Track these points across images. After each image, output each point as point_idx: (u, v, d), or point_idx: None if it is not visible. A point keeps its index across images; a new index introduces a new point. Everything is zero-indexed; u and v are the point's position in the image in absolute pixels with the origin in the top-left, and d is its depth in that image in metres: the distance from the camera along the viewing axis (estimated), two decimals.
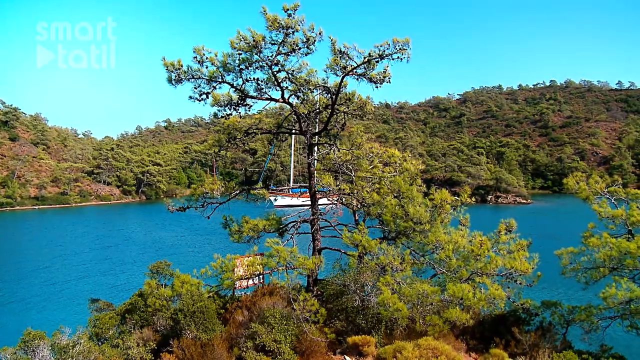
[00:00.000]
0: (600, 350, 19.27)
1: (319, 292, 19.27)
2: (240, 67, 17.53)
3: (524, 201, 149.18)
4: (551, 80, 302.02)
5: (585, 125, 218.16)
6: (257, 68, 17.84)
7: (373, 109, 20.73)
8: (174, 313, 16.66)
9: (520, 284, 19.38)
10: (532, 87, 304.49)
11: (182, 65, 17.19)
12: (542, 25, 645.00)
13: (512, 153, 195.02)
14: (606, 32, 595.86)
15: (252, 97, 18.81)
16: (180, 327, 15.90)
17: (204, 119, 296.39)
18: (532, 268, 18.66)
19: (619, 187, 21.52)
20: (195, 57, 17.09)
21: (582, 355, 17.83)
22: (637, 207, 20.48)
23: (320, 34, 16.87)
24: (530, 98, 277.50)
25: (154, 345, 16.04)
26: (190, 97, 18.11)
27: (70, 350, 14.33)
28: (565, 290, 36.07)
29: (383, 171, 20.49)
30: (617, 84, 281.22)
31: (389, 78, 17.52)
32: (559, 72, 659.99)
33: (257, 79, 18.29)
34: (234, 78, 18.02)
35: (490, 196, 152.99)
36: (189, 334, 15.62)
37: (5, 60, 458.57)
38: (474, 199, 22.17)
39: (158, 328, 17.54)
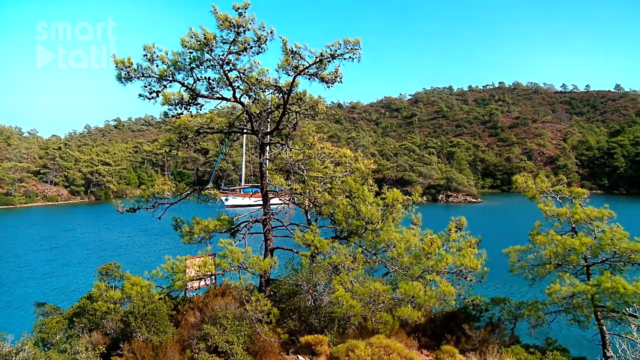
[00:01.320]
0: (545, 344, 19.85)
1: (271, 293, 19.22)
2: (191, 65, 17.32)
3: (474, 200, 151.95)
4: (500, 82, 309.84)
5: (533, 126, 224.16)
6: (208, 67, 17.67)
7: (325, 109, 20.80)
8: (124, 315, 16.35)
9: (470, 280, 19.72)
10: (482, 88, 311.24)
11: (132, 63, 16.85)
12: (491, 27, 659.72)
13: (463, 153, 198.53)
14: (551, 36, 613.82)
15: (203, 96, 18.61)
16: (130, 329, 15.61)
17: (155, 118, 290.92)
18: (481, 264, 19.06)
19: (563, 186, 22.19)
20: (146, 55, 16.79)
21: (529, 349, 18.31)
22: (580, 205, 21.17)
23: (271, 32, 16.84)
24: (480, 99, 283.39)
25: (104, 349, 15.71)
26: (141, 96, 17.77)
27: (14, 358, 13.83)
28: (514, 287, 36.94)
29: (335, 171, 20.59)
30: (561, 86, 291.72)
31: (341, 78, 17.62)
32: (507, 74, 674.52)
33: (209, 78, 18.11)
34: (185, 77, 17.80)
35: (441, 195, 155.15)
36: (140, 336, 15.35)
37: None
38: (425, 198, 22.49)
39: (108, 331, 17.19)
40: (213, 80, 18.24)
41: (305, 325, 17.46)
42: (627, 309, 16.11)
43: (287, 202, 21.36)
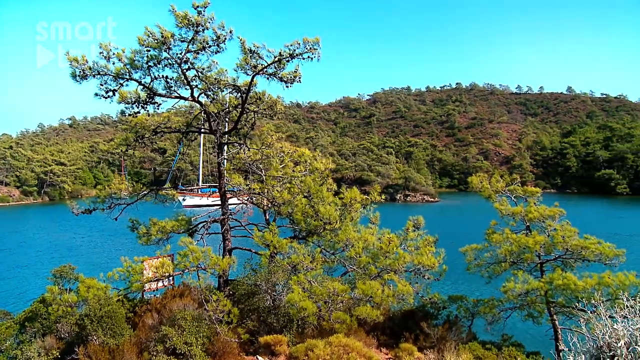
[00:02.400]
0: (501, 340, 20.30)
1: (230, 293, 19.12)
2: (149, 64, 17.09)
3: (432, 199, 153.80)
4: (457, 83, 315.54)
5: (489, 127, 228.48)
6: (166, 66, 17.44)
7: (283, 109, 20.81)
8: (80, 319, 15.97)
9: (428, 279, 19.98)
10: (439, 89, 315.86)
11: (87, 61, 16.50)
12: (448, 28, 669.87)
13: (420, 153, 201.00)
14: (507, 38, 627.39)
15: (160, 95, 18.37)
16: (86, 333, 15.27)
17: (112, 117, 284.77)
18: (439, 263, 19.34)
19: (517, 185, 22.71)
20: (102, 53, 16.47)
21: (485, 345, 18.69)
22: (534, 203, 21.73)
23: (230, 32, 16.75)
24: (438, 99, 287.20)
25: (57, 354, 15.34)
26: (96, 94, 17.42)
27: None
28: (472, 285, 37.54)
29: (294, 170, 20.59)
30: (516, 87, 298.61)
31: (300, 77, 17.64)
32: (464, 75, 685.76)
33: (166, 77, 17.89)
34: (142, 75, 17.54)
35: (399, 195, 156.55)
36: (96, 339, 15.05)
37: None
38: (383, 198, 22.69)
39: (62, 335, 16.78)
40: (171, 79, 18.03)
41: (264, 326, 17.43)
42: (577, 303, 16.58)
43: (246, 202, 21.29)
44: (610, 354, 8.23)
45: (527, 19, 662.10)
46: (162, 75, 17.79)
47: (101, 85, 17.31)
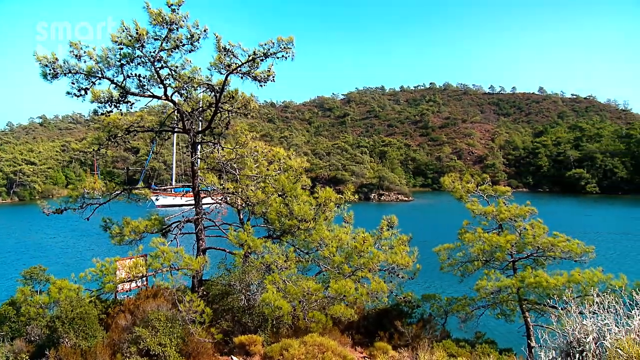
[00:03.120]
0: (475, 337, 20.55)
1: (204, 293, 19.02)
2: (122, 62, 16.89)
3: (406, 198, 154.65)
4: (431, 83, 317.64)
5: (462, 126, 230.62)
6: (139, 64, 17.25)
7: (257, 108, 20.74)
8: (51, 321, 15.70)
9: (402, 277, 20.13)
10: (413, 88, 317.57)
11: (57, 59, 16.24)
12: (421, 29, 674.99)
13: (394, 152, 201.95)
14: (480, 39, 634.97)
15: (133, 94, 18.15)
16: (57, 335, 15.02)
17: (84, 116, 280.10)
18: (413, 262, 19.50)
19: (488, 185, 23.00)
20: (72, 52, 16.23)
21: (459, 343, 18.91)
22: (504, 203, 22.05)
23: (205, 31, 16.66)
24: (412, 99, 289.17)
25: (27, 358, 15.07)
26: (68, 93, 17.15)
27: None
28: (446, 283, 37.86)
29: (268, 169, 20.56)
30: (489, 88, 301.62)
31: (273, 77, 17.62)
32: (438, 75, 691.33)
33: (139, 76, 17.70)
34: (115, 74, 17.32)
35: (373, 194, 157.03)
36: (67, 342, 14.82)
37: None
38: (357, 197, 22.84)
39: (32, 338, 16.50)
40: (144, 78, 17.84)
41: (238, 326, 17.38)
42: (549, 300, 16.89)
43: (220, 201, 21.20)
44: (580, 349, 8.40)
45: (499, 19, 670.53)
46: (135, 74, 17.60)
47: (73, 83, 17.06)
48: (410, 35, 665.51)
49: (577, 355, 8.32)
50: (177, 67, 17.63)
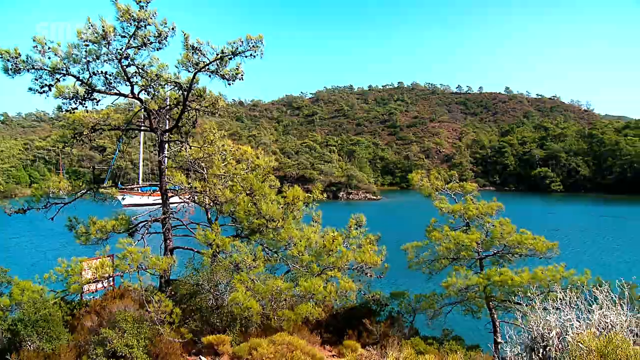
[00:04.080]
0: (442, 335, 20.83)
1: (172, 293, 18.85)
2: (87, 59, 16.59)
3: (374, 197, 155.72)
4: (399, 82, 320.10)
5: (430, 125, 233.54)
6: (105, 61, 16.95)
7: (225, 106, 20.65)
8: (13, 324, 15.35)
9: (370, 276, 20.24)
10: (382, 88, 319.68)
11: (19, 54, 15.87)
12: (390, 28, 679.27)
13: (363, 151, 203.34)
14: (447, 39, 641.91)
15: (99, 91, 17.83)
16: (20, 338, 14.71)
17: (48, 114, 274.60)
18: (382, 260, 19.64)
19: (456, 183, 23.30)
20: (36, 47, 15.88)
21: (427, 340, 19.11)
22: (472, 200, 22.38)
23: (173, 29, 16.48)
24: (380, 98, 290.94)
25: None
26: (31, 89, 16.77)
27: None
28: (414, 281, 38.15)
29: (236, 168, 20.47)
30: (457, 87, 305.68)
31: (242, 75, 17.50)
32: (406, 75, 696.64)
33: (105, 73, 17.39)
34: (81, 71, 16.99)
35: (341, 193, 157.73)
36: (30, 345, 14.54)
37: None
38: (325, 196, 22.84)
39: None
40: (110, 75, 17.54)
41: (207, 326, 17.28)
42: (514, 297, 17.20)
43: (187, 200, 21.03)
44: (544, 344, 8.60)
45: (468, 21, 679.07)
46: (101, 71, 17.31)
47: (36, 79, 16.69)
48: (379, 34, 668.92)
49: (541, 350, 8.52)
50: (144, 64, 17.40)
